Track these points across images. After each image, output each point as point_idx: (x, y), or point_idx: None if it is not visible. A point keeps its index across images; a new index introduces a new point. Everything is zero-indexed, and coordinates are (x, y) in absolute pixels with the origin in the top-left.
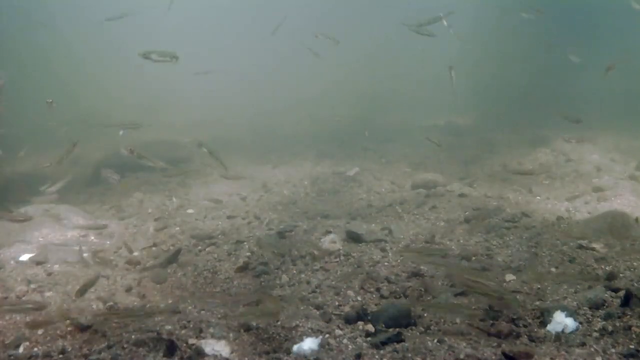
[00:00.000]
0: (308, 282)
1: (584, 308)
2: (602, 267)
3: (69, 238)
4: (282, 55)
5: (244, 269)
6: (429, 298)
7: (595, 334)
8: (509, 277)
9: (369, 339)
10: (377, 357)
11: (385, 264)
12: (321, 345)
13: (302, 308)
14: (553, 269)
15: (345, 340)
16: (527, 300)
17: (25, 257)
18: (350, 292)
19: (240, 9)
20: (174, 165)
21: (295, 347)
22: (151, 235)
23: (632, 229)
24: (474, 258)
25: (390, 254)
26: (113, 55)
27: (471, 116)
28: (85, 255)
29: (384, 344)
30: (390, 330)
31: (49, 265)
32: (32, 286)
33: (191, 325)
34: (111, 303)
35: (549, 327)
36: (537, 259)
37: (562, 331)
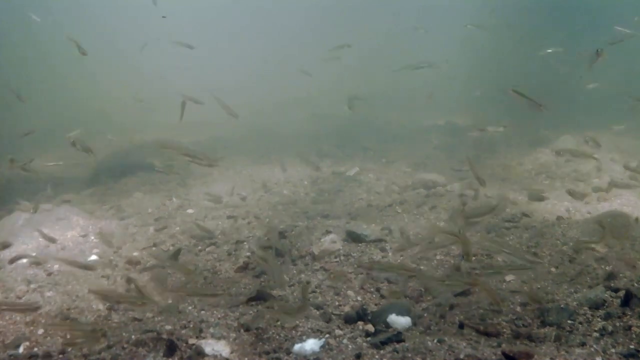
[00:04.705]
0: (308, 282)
1: (584, 308)
2: (602, 267)
3: (69, 238)
4: (282, 55)
5: (244, 269)
6: (429, 298)
7: (595, 334)
8: (509, 277)
9: (369, 339)
10: (377, 357)
11: None
12: (322, 348)
13: None
14: (553, 269)
15: (345, 340)
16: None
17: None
18: (350, 292)
19: (238, 8)
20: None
21: (297, 346)
22: (151, 235)
23: (632, 229)
24: (474, 258)
25: (390, 254)
26: (112, 55)
27: (471, 116)
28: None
29: (384, 344)
30: (390, 330)
31: (48, 265)
32: (32, 286)
33: (191, 325)
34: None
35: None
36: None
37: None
